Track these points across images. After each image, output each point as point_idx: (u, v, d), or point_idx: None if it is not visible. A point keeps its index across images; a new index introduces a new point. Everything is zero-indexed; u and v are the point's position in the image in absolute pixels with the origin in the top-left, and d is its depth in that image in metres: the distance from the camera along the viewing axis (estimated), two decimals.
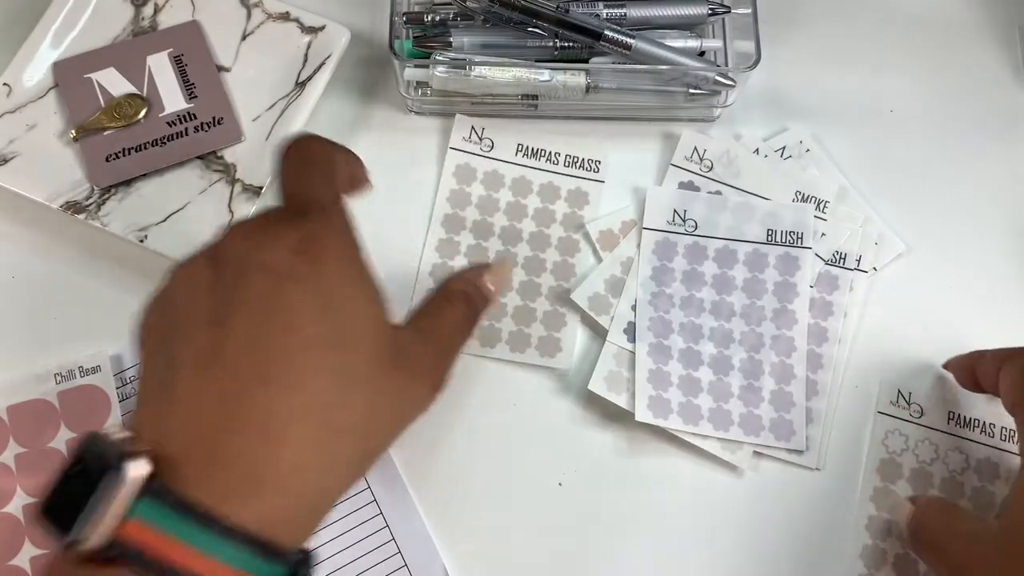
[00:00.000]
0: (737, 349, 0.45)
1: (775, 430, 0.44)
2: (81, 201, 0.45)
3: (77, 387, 0.44)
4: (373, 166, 0.49)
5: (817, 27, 0.53)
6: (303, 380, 0.29)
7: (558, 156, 0.49)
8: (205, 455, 0.27)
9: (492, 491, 0.43)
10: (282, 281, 0.30)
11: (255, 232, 0.31)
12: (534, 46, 0.48)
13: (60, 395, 0.43)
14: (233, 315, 0.29)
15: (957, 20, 0.54)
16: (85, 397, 0.43)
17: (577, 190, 0.49)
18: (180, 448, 0.27)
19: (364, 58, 0.51)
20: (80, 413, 0.43)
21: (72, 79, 0.47)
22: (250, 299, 0.29)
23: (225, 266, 0.30)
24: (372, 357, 0.31)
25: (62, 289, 0.46)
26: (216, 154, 0.47)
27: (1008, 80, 0.52)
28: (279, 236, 0.31)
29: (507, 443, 0.44)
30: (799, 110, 0.51)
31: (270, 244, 0.30)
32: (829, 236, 0.47)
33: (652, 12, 0.48)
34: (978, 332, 0.47)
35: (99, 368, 0.44)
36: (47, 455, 0.43)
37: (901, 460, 0.44)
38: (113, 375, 0.44)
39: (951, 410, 0.45)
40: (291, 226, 0.31)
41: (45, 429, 0.43)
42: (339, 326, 0.30)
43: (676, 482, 0.44)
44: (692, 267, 0.46)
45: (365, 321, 0.31)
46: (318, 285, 0.30)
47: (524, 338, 0.46)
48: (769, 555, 0.43)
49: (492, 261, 0.41)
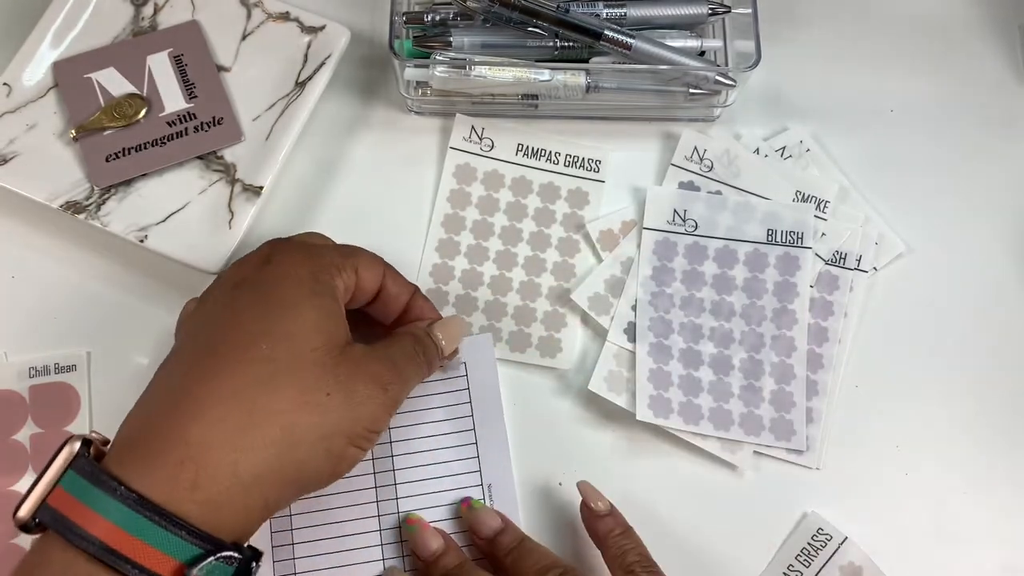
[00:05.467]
0: (737, 349, 0.45)
1: (775, 430, 0.44)
2: (81, 201, 0.45)
3: (49, 383, 0.44)
4: (373, 166, 0.50)
5: (817, 27, 0.53)
6: (235, 368, 0.32)
7: (558, 156, 0.49)
8: (134, 435, 0.32)
9: None
10: (242, 290, 0.35)
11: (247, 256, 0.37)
12: (534, 46, 0.48)
13: (32, 389, 0.44)
14: (205, 323, 0.35)
15: (957, 20, 0.54)
16: (56, 394, 0.44)
17: (577, 190, 0.49)
18: (124, 432, 0.32)
19: (364, 58, 0.51)
20: (48, 409, 0.44)
21: (72, 79, 0.47)
22: (216, 310, 0.35)
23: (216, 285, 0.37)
24: (308, 352, 0.33)
25: (61, 289, 0.46)
26: (216, 154, 0.47)
27: (1008, 80, 0.52)
28: (256, 252, 0.36)
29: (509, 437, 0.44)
30: (799, 110, 0.51)
31: (248, 259, 0.36)
32: (829, 236, 0.47)
33: (652, 12, 0.48)
34: (978, 332, 0.47)
35: (74, 367, 0.44)
36: (10, 448, 0.43)
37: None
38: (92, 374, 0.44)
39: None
40: (267, 244, 0.37)
41: (13, 421, 0.43)
42: (280, 325, 0.33)
43: (676, 482, 0.44)
44: (692, 267, 0.46)
45: (307, 323, 0.34)
46: (266, 289, 0.34)
47: (524, 338, 0.46)
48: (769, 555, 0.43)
49: (447, 316, 0.42)
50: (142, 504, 0.29)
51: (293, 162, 0.48)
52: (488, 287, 0.46)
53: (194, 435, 0.31)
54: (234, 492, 0.31)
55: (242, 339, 0.33)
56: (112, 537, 0.29)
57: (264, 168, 0.46)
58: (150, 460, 0.30)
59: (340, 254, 0.37)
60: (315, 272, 0.35)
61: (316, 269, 0.35)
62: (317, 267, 0.35)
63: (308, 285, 0.35)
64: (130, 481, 0.30)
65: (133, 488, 0.29)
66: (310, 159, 0.49)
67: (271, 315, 0.33)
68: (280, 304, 0.34)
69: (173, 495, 0.30)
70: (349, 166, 0.49)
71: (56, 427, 0.43)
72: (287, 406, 0.32)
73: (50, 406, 0.44)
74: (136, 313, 0.46)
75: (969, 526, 0.43)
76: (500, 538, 0.40)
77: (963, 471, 0.44)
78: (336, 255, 0.37)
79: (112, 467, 0.30)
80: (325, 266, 0.36)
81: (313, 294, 0.34)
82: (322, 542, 0.41)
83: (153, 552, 0.29)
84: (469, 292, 0.46)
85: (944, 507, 0.44)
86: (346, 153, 0.49)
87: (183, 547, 0.29)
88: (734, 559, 0.43)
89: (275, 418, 0.32)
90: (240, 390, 0.32)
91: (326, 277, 0.36)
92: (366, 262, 0.38)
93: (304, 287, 0.34)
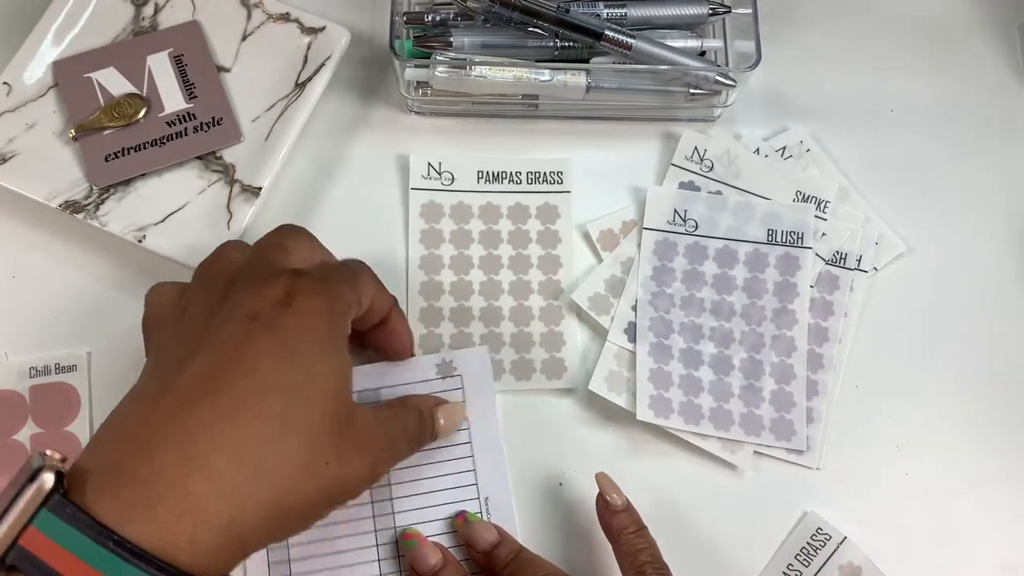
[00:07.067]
0: (737, 349, 0.45)
1: (775, 430, 0.44)
2: (80, 200, 0.45)
3: (50, 383, 0.44)
4: (373, 165, 0.50)
5: (817, 27, 0.53)
6: (245, 419, 0.30)
7: (519, 175, 0.48)
8: (117, 471, 0.29)
9: None
10: (259, 328, 0.32)
11: (255, 276, 0.34)
12: (534, 46, 0.48)
13: (32, 390, 0.44)
14: (200, 351, 0.32)
15: (957, 20, 0.54)
16: (57, 394, 0.44)
17: (545, 205, 0.48)
18: (99, 464, 0.29)
19: (364, 58, 0.51)
20: (49, 409, 0.43)
21: (72, 78, 0.47)
22: (223, 338, 0.32)
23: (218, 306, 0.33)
24: (319, 416, 0.32)
25: (61, 289, 0.46)
26: (215, 154, 0.47)
27: (1008, 80, 0.52)
28: (273, 285, 0.33)
29: (507, 443, 0.44)
30: (799, 110, 0.51)
31: (264, 292, 0.33)
32: (829, 236, 0.47)
33: (652, 12, 0.48)
34: (978, 332, 0.47)
35: (75, 367, 0.44)
36: (9, 448, 0.43)
37: None
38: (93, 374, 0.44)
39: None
40: (286, 278, 0.33)
41: (13, 421, 0.43)
42: (297, 380, 0.32)
43: (676, 482, 0.44)
44: (692, 267, 0.46)
45: (323, 383, 0.33)
46: (287, 338, 0.32)
47: (527, 364, 0.45)
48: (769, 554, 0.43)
49: (449, 402, 0.42)
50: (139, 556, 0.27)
51: (292, 162, 0.48)
52: (480, 320, 0.46)
53: (197, 486, 0.29)
54: (225, 546, 0.30)
55: (256, 389, 0.31)
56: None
57: (263, 169, 0.46)
58: (151, 508, 0.28)
59: (351, 288, 0.36)
60: (334, 322, 0.34)
61: (335, 318, 0.34)
62: (336, 315, 0.34)
63: (327, 340, 0.33)
64: (123, 528, 0.28)
65: (132, 541, 0.27)
66: (310, 159, 0.49)
67: (288, 369, 0.32)
68: (297, 360, 0.32)
69: (169, 546, 0.28)
70: (349, 166, 0.49)
71: (56, 427, 0.43)
72: (290, 471, 0.31)
73: (50, 406, 0.43)
74: (136, 313, 0.45)
75: (969, 526, 0.43)
76: (497, 551, 0.40)
77: (963, 471, 0.44)
78: (348, 291, 0.36)
79: (100, 508, 0.28)
80: (342, 313, 0.35)
81: (330, 352, 0.33)
82: (319, 559, 0.40)
83: None
84: (462, 330, 0.45)
85: (944, 507, 0.44)
86: (346, 153, 0.49)
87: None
88: (733, 558, 0.42)
89: (277, 481, 0.31)
90: (249, 446, 0.30)
91: (343, 325, 0.35)
92: (367, 287, 0.38)
93: (323, 342, 0.33)
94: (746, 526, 0.43)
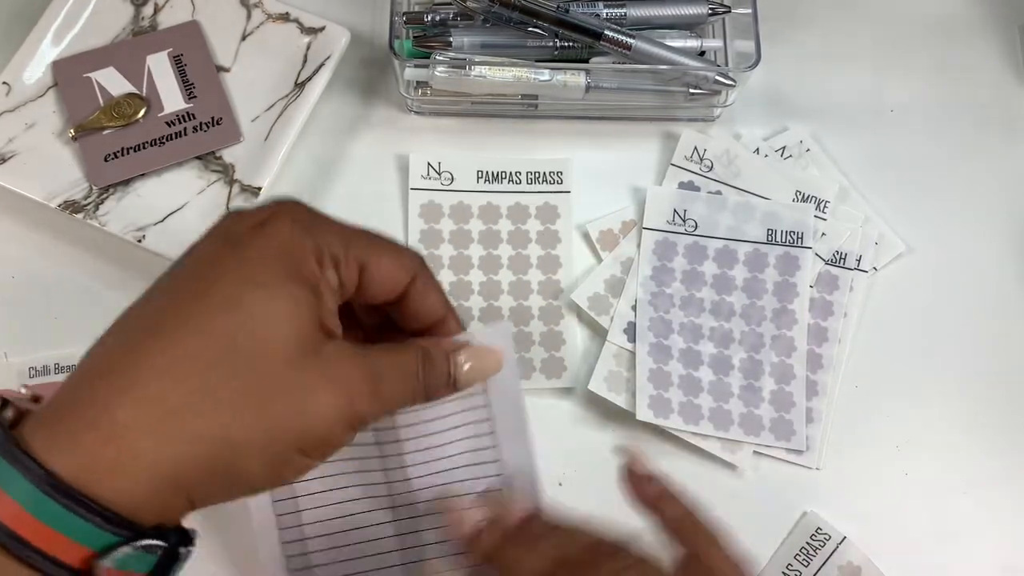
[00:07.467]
0: (737, 349, 0.45)
1: (775, 430, 0.44)
2: (79, 200, 0.45)
3: (49, 384, 0.44)
4: (373, 165, 0.50)
5: (817, 27, 0.53)
6: (184, 336, 0.28)
7: (519, 175, 0.48)
8: (58, 403, 0.28)
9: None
10: (227, 247, 0.30)
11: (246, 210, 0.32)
12: (534, 46, 0.48)
13: (31, 389, 0.44)
14: (170, 275, 0.30)
15: (957, 20, 0.54)
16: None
17: (545, 205, 0.48)
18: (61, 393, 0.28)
19: (364, 58, 0.51)
20: None
21: (71, 78, 0.47)
22: (192, 259, 0.30)
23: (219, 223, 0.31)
24: (276, 341, 0.29)
25: (61, 289, 0.46)
26: (215, 154, 0.47)
27: (1008, 80, 0.52)
28: (259, 210, 0.31)
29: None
30: (799, 110, 0.51)
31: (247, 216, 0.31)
32: (829, 236, 0.47)
33: (652, 12, 0.48)
34: (978, 332, 0.47)
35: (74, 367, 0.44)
36: None
37: None
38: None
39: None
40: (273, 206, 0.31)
41: None
42: (253, 301, 0.29)
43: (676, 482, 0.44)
44: (692, 267, 0.46)
45: (284, 307, 0.29)
46: (249, 258, 0.30)
47: (527, 364, 0.45)
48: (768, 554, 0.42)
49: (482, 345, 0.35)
50: (53, 486, 0.26)
51: (292, 162, 0.48)
52: (480, 321, 0.46)
53: (123, 412, 0.27)
54: (158, 486, 0.27)
55: (206, 308, 0.29)
56: (18, 521, 0.26)
57: (262, 169, 0.46)
58: (75, 435, 0.27)
59: (343, 243, 0.32)
60: (304, 257, 0.31)
61: (307, 254, 0.31)
62: (309, 251, 0.31)
63: (292, 268, 0.30)
64: (48, 457, 0.26)
65: (48, 466, 0.26)
66: (309, 159, 0.49)
67: (245, 290, 0.29)
68: (254, 281, 0.29)
69: (91, 477, 0.26)
70: (348, 166, 0.49)
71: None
72: (232, 397, 0.28)
73: None
74: None
75: (969, 526, 0.43)
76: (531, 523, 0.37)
77: (963, 471, 0.44)
78: (338, 244, 0.32)
79: (32, 437, 0.27)
80: (319, 253, 0.31)
81: (295, 279, 0.30)
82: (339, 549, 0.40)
83: (61, 539, 0.26)
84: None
85: (944, 507, 0.44)
86: (346, 153, 0.49)
87: (95, 534, 0.26)
88: None
89: (215, 409, 0.28)
90: (183, 367, 0.28)
91: (313, 266, 0.31)
92: (385, 257, 0.33)
93: (289, 268, 0.30)
94: (745, 526, 0.43)
